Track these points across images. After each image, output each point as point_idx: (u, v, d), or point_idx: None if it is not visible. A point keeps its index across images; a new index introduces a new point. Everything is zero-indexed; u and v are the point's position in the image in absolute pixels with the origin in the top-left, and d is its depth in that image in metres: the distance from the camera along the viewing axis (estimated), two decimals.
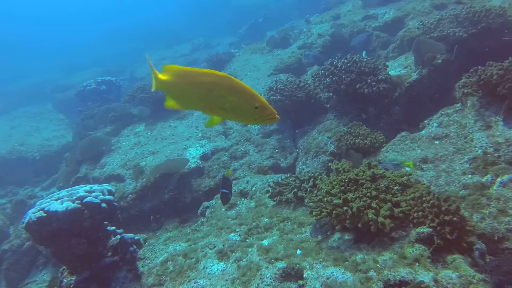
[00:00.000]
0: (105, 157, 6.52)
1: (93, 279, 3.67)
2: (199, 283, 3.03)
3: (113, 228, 4.01)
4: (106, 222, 3.84)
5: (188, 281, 3.12)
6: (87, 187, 3.75)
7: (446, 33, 5.76)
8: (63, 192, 3.62)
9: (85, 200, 3.50)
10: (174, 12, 27.98)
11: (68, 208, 3.34)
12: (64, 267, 3.77)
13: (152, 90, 2.10)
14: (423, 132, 4.60)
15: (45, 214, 3.30)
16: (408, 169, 3.59)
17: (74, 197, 3.49)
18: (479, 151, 3.80)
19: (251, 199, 4.40)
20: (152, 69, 2.03)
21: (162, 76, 2.00)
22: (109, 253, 3.82)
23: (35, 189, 8.26)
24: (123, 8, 37.20)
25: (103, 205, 3.61)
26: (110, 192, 3.84)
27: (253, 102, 1.82)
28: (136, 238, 4.06)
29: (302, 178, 3.95)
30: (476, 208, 3.34)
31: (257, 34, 14.93)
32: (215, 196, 4.96)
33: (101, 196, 3.67)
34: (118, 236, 3.89)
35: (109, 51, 21.78)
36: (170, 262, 3.52)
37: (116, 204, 3.88)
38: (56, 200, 3.45)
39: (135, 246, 3.93)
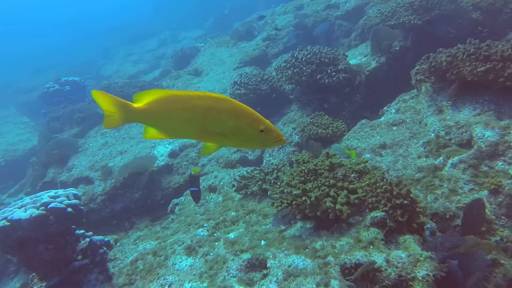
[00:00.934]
0: (72, 160, 6.46)
1: (64, 283, 3.68)
2: (168, 280, 3.10)
3: (82, 231, 4.02)
4: (73, 226, 3.85)
5: (158, 278, 3.19)
6: (52, 192, 3.75)
7: (402, 20, 5.94)
8: (27, 199, 3.61)
9: (49, 206, 3.50)
10: (139, 6, 27.52)
11: (32, 215, 3.34)
12: (34, 274, 3.76)
13: (113, 126, 1.83)
14: (382, 119, 4.77)
15: (9, 223, 3.28)
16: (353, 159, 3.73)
17: (38, 204, 3.48)
18: (432, 135, 3.99)
19: (219, 194, 4.49)
20: (116, 100, 1.76)
21: (137, 106, 1.75)
22: (79, 257, 3.84)
23: (2, 196, 8.09)
24: (85, 4, 36.32)
25: (69, 209, 3.62)
26: (75, 196, 3.84)
27: (258, 125, 1.65)
28: (105, 239, 4.08)
29: (266, 171, 4.06)
30: (430, 189, 3.53)
31: (223, 26, 14.91)
32: (184, 193, 5.02)
33: (66, 201, 3.67)
34: (87, 239, 3.91)
35: (73, 49, 21.28)
36: (140, 261, 3.58)
37: (82, 207, 3.88)
38: (20, 208, 3.44)
39: (105, 248, 3.95)
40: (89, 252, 3.84)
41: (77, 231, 3.92)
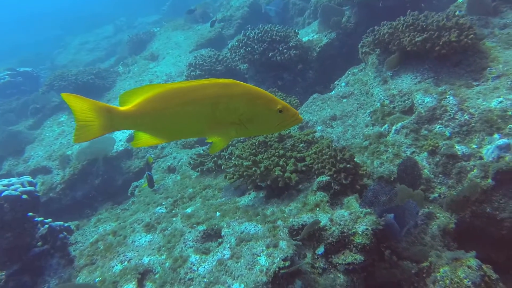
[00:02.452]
0: (28, 151, 6.33)
1: (24, 270, 3.68)
2: (127, 256, 3.18)
3: (41, 218, 4.01)
4: (30, 214, 3.84)
5: (118, 256, 3.25)
6: (5, 181, 3.71)
7: None
8: None
9: (3, 194, 3.47)
10: None
11: None
12: None
13: (97, 136, 1.55)
14: (333, 92, 4.95)
15: None
16: None
17: None
18: (378, 104, 4.19)
19: (177, 173, 4.56)
20: (96, 105, 1.51)
21: (125, 109, 1.52)
22: (39, 243, 3.83)
23: None
24: None
25: (24, 196, 3.60)
26: (30, 183, 3.82)
27: (275, 105, 1.51)
28: (65, 225, 4.08)
29: None
30: (376, 155, 3.73)
31: (181, 10, 14.65)
32: (144, 175, 5.05)
33: (21, 188, 3.64)
34: (46, 226, 3.91)
35: (25, 39, 20.39)
36: (101, 242, 3.62)
37: (38, 194, 3.87)
38: None
39: (65, 233, 3.96)
40: (49, 238, 3.84)
41: (36, 218, 3.91)
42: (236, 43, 5.58)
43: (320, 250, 2.58)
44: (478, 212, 3.08)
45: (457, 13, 4.10)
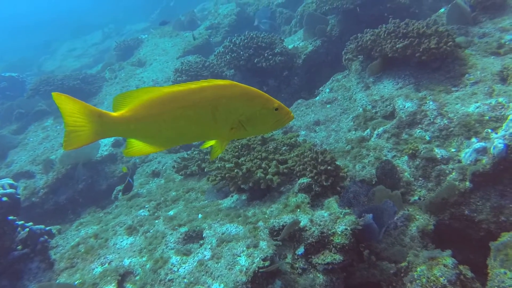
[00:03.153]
0: (11, 155, 6.26)
1: (3, 274, 3.63)
2: (108, 258, 3.16)
3: (22, 222, 3.96)
4: (11, 217, 3.79)
5: (98, 258, 3.23)
6: None
7: (335, 5, 6.20)
8: None
9: None
10: (86, 2, 26.57)
11: None
12: None
13: (86, 144, 1.46)
14: (317, 98, 5.01)
15: None
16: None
17: None
18: (360, 109, 4.25)
19: (162, 177, 4.56)
20: (88, 108, 1.43)
21: (119, 114, 1.44)
22: (19, 247, 3.78)
23: None
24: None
25: (4, 199, 3.56)
26: (11, 186, 3.77)
27: (272, 104, 1.51)
28: (46, 228, 4.04)
29: (205, 151, 4.17)
30: (358, 159, 3.78)
31: (169, 18, 14.71)
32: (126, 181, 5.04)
33: (1, 191, 3.61)
34: (27, 229, 3.86)
35: (12, 44, 20.22)
36: (82, 245, 3.59)
37: (19, 196, 3.83)
38: None
39: (46, 236, 3.92)
40: (29, 242, 3.79)
41: (17, 222, 3.86)
42: (222, 49, 5.63)
43: (300, 250, 2.60)
44: (457, 214, 3.13)
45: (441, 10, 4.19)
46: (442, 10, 5.25)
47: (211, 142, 1.63)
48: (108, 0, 22.50)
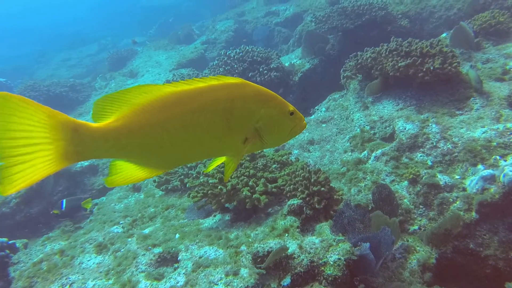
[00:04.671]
0: None
1: None
2: (70, 279, 2.81)
3: None
4: None
5: (60, 278, 2.88)
6: None
7: (335, 24, 6.04)
8: None
9: None
10: (84, 14, 26.61)
11: None
12: None
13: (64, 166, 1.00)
14: (312, 116, 4.76)
15: None
16: None
17: None
18: (358, 130, 4.00)
19: (142, 192, 4.24)
20: (54, 116, 0.95)
21: (103, 125, 1.04)
22: None
23: None
24: (27, 9, 34.57)
25: None
26: None
27: (287, 107, 1.22)
28: (10, 242, 3.69)
29: (189, 165, 3.87)
30: (353, 182, 3.49)
31: (167, 34, 14.62)
32: (107, 193, 4.71)
33: None
34: None
35: (6, 53, 20.02)
36: (45, 262, 3.23)
37: None
38: None
39: (7, 251, 3.56)
40: None
41: None
42: (216, 61, 5.40)
43: (286, 281, 2.27)
44: (461, 247, 2.83)
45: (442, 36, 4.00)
46: (444, 35, 5.10)
47: (218, 161, 1.29)
48: (107, 14, 22.48)
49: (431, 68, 3.61)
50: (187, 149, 1.14)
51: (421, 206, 3.10)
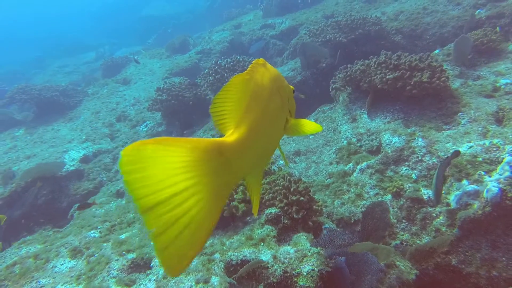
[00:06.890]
0: None
1: None
2: (40, 282, 2.73)
3: None
4: None
5: (30, 282, 2.79)
6: None
7: (328, 38, 6.05)
8: None
9: None
10: (85, 24, 26.77)
11: None
12: None
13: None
14: None
15: None
16: None
17: None
18: (345, 142, 3.96)
19: (124, 197, 4.16)
20: (202, 144, 0.71)
21: (239, 137, 0.80)
22: None
23: None
24: (26, 17, 34.79)
25: None
26: None
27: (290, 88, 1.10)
28: None
29: None
30: (337, 194, 3.44)
31: (165, 44, 14.68)
32: (90, 198, 4.64)
33: None
34: None
35: (5, 59, 20.06)
36: (18, 265, 3.14)
37: None
38: None
39: None
40: None
41: None
42: (207, 70, 5.38)
43: None
44: (443, 264, 2.77)
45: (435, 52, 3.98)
46: (437, 51, 5.09)
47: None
48: (108, 24, 22.61)
49: (418, 80, 3.59)
50: (276, 139, 1.01)
51: (403, 221, 3.04)
